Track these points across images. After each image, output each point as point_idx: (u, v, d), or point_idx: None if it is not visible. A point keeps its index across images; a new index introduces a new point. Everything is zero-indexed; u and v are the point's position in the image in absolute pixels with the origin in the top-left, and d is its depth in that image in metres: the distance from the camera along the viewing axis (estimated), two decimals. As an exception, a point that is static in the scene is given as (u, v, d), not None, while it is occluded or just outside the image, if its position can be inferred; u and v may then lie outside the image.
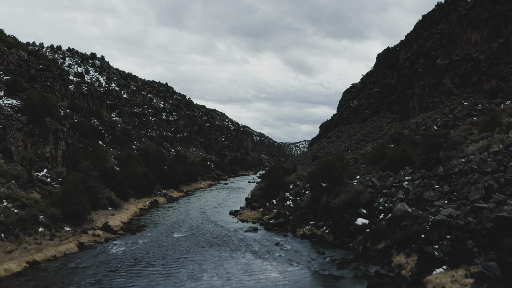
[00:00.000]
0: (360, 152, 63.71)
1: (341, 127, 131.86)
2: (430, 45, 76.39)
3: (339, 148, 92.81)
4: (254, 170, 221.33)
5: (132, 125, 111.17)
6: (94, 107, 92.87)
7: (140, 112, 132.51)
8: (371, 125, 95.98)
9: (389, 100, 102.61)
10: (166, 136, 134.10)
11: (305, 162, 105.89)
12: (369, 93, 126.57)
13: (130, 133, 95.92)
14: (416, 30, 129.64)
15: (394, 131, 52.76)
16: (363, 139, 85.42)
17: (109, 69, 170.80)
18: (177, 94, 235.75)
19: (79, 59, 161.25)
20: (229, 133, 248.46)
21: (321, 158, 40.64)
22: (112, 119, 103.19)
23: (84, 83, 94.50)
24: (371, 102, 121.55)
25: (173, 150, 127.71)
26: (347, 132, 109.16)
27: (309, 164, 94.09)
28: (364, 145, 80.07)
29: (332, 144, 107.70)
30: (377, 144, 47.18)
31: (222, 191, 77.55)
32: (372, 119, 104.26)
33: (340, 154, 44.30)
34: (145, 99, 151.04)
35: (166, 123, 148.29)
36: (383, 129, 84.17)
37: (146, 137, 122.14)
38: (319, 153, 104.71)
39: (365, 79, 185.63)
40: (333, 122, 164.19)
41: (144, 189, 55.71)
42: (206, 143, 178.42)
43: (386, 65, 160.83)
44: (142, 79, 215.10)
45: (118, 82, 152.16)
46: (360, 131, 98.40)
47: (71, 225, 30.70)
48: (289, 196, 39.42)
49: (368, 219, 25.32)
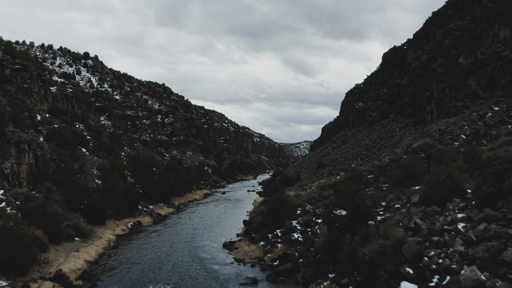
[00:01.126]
0: (374, 163, 56.02)
1: (346, 131, 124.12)
2: (449, 43, 68.67)
3: (347, 155, 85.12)
4: (254, 173, 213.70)
5: (123, 129, 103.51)
6: (79, 111, 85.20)
7: (133, 114, 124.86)
8: (381, 130, 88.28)
9: (399, 102, 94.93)
10: (161, 140, 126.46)
11: (309, 169, 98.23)
12: (376, 95, 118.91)
13: (119, 139, 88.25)
14: (426, 28, 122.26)
15: (422, 143, 44.96)
16: (374, 145, 77.72)
17: (102, 69, 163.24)
18: (174, 95, 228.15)
19: (71, 59, 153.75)
20: (229, 135, 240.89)
21: (338, 185, 32.89)
22: (101, 123, 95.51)
23: (69, 84, 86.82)
24: (379, 105, 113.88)
25: (168, 155, 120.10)
26: (354, 137, 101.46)
27: (314, 172, 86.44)
28: (376, 153, 72.42)
29: (338, 149, 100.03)
30: (404, 160, 39.44)
31: (218, 204, 69.86)
32: (381, 122, 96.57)
33: (358, 173, 36.51)
34: (139, 100, 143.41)
35: (162, 126, 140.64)
36: (396, 134, 76.47)
37: (139, 141, 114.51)
38: (324, 159, 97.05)
39: (370, 80, 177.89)
40: (337, 124, 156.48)
41: (126, 208, 48.06)
42: (204, 146, 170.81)
43: (393, 65, 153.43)
44: (138, 80, 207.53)
45: (111, 83, 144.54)
46: (368, 136, 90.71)
47: (9, 277, 23.01)
48: (297, 226, 31.75)
49: (416, 283, 17.67)
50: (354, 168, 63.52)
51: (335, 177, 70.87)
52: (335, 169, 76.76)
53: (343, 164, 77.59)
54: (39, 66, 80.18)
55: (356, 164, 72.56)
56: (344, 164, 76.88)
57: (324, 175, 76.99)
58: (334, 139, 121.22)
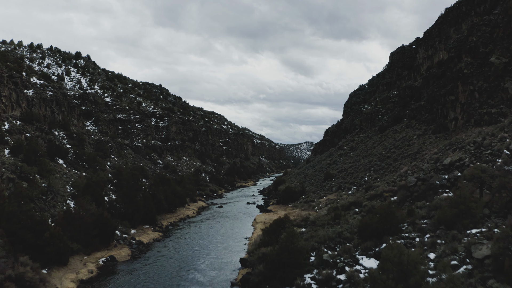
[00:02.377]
0: (395, 180, 47.45)
1: (353, 136, 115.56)
2: (477, 40, 60.12)
3: (357, 165, 76.59)
4: (255, 177, 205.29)
5: (111, 135, 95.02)
6: (60, 116, 76.74)
7: (125, 118, 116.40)
8: (395, 137, 79.75)
9: (413, 106, 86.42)
10: (154, 145, 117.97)
11: (314, 179, 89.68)
12: (386, 97, 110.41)
13: (105, 147, 79.78)
14: (438, 26, 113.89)
15: (457, 158, 36.34)
16: (389, 155, 69.18)
17: (94, 69, 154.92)
18: (171, 96, 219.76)
19: (61, 59, 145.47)
20: (228, 137, 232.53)
21: (366, 223, 24.38)
22: (86, 129, 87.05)
23: (50, 86, 78.36)
24: (389, 108, 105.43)
25: (161, 162, 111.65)
26: (363, 144, 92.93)
27: (320, 184, 77.93)
28: (392, 164, 63.91)
29: (346, 157, 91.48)
30: (454, 190, 30.89)
31: (213, 223, 61.38)
32: (393, 128, 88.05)
33: (385, 207, 27.82)
34: (132, 103, 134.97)
35: (156, 130, 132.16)
36: (413, 143, 67.95)
37: (130, 147, 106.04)
38: (330, 168, 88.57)
39: (376, 81, 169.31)
40: (341, 128, 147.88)
41: (98, 239, 39.58)
42: (202, 151, 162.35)
43: (401, 65, 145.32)
44: (134, 81, 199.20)
45: (103, 84, 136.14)
46: (380, 144, 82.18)
47: None
48: (313, 285, 23.29)
49: None
50: (370, 185, 54.99)
51: (346, 193, 62.41)
52: (345, 182, 68.26)
53: (354, 176, 69.08)
54: (14, 66, 71.71)
55: (370, 177, 64.08)
56: (355, 177, 68.36)
57: (332, 188, 68.51)
58: (340, 144, 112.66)
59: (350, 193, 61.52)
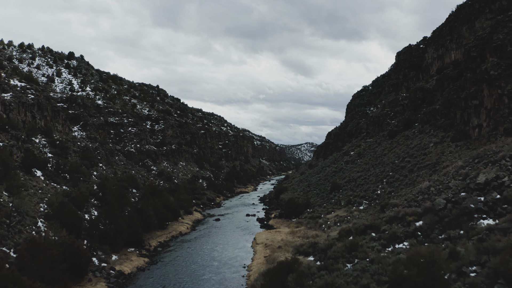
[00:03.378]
0: (420, 200, 40.96)
1: (359, 140, 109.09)
2: (504, 37, 53.64)
3: (367, 174, 70.11)
4: (255, 181, 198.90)
5: (100, 141, 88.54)
6: (42, 121, 70.34)
7: (117, 121, 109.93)
8: (407, 143, 73.27)
9: (426, 110, 79.97)
10: (149, 150, 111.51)
11: (319, 188, 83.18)
12: (394, 100, 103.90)
13: (91, 154, 73.32)
14: (449, 24, 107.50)
15: (493, 176, 29.75)
16: (403, 165, 62.68)
17: (87, 70, 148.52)
18: (169, 98, 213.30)
19: (52, 59, 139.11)
20: (228, 140, 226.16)
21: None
22: (72, 134, 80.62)
23: (32, 89, 71.94)
24: (398, 111, 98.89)
25: (155, 168, 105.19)
26: (372, 150, 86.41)
27: (327, 196, 71.46)
28: (408, 176, 57.42)
29: (353, 165, 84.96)
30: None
31: (209, 242, 54.94)
32: (404, 133, 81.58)
33: (426, 253, 21.09)
34: (126, 105, 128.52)
35: (151, 134, 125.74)
36: (430, 152, 61.45)
37: (122, 153, 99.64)
38: (337, 177, 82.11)
39: (382, 82, 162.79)
40: (346, 131, 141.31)
41: (67, 275, 33.11)
42: (200, 155, 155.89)
43: (408, 66, 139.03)
44: (130, 82, 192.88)
45: (95, 86, 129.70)
46: (391, 151, 75.69)
47: None
48: None
49: None
50: (385, 202, 48.46)
51: (357, 208, 55.94)
52: (355, 195, 61.78)
53: (365, 188, 62.61)
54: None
55: (383, 191, 57.59)
56: (366, 189, 61.88)
57: (341, 202, 62.04)
58: (346, 150, 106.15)
59: (362, 209, 55.08)
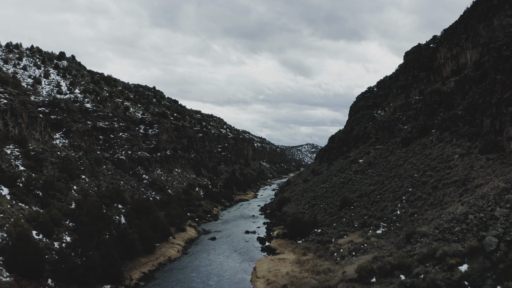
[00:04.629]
0: (463, 236, 32.99)
1: (367, 146, 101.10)
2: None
3: (382, 189, 62.09)
4: (255, 186, 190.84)
5: (85, 149, 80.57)
6: (16, 129, 62.47)
7: (107, 126, 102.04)
8: (425, 153, 65.28)
9: (446, 115, 72.03)
10: (141, 157, 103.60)
11: (326, 202, 75.15)
12: (406, 103, 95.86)
13: (73, 166, 65.41)
14: (464, 21, 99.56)
15: None
16: (424, 180, 54.63)
17: (78, 71, 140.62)
18: (166, 100, 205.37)
19: (40, 60, 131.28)
20: (227, 142, 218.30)
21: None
22: (52, 143, 72.67)
23: (5, 93, 64.09)
24: (411, 116, 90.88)
25: (147, 177, 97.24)
26: (384, 159, 78.37)
27: (336, 213, 63.43)
28: (432, 194, 49.41)
29: (363, 175, 76.91)
30: None
31: (200, 273, 46.98)
32: (420, 141, 73.64)
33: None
34: (118, 108, 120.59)
35: (144, 139, 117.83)
36: (456, 165, 53.42)
37: (111, 161, 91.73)
38: (346, 189, 74.13)
39: (389, 83, 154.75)
40: (351, 136, 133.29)
41: None
42: (197, 160, 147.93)
43: (417, 66, 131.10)
44: (124, 83, 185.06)
45: (85, 88, 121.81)
46: (408, 161, 67.69)
47: None
48: None
49: None
50: (412, 230, 40.33)
51: (373, 233, 47.96)
52: (370, 215, 53.77)
53: (381, 207, 54.59)
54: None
55: (403, 211, 49.55)
56: (382, 208, 53.85)
57: (354, 223, 54.03)
58: (353, 157, 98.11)
59: (380, 234, 47.11)
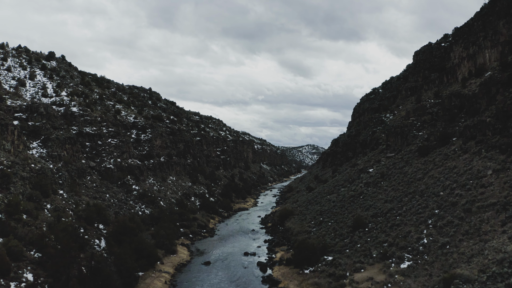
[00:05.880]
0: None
1: (377, 154, 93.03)
2: None
3: (401, 209, 53.98)
4: (256, 192, 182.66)
5: (67, 159, 72.57)
6: (-19, 139, 54.44)
7: (94, 132, 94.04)
8: (449, 166, 57.18)
9: (470, 122, 63.99)
10: (131, 165, 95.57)
11: (335, 219, 67.05)
12: (420, 106, 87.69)
13: (47, 181, 57.38)
14: (481, 18, 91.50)
15: None
16: (453, 200, 46.54)
17: (67, 72, 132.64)
18: (162, 101, 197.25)
19: (26, 60, 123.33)
20: (226, 145, 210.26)
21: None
22: (28, 153, 64.64)
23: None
24: (426, 121, 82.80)
25: (138, 188, 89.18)
26: (399, 170, 70.22)
27: (347, 235, 55.30)
28: (466, 219, 41.35)
29: (376, 188, 68.86)
30: None
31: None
32: (441, 151, 65.60)
33: None
34: (109, 111, 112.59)
35: (136, 145, 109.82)
36: (492, 183, 45.30)
37: (98, 171, 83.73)
38: (357, 205, 66.07)
39: (397, 84, 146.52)
40: (358, 140, 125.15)
41: None
42: (194, 166, 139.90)
43: (428, 66, 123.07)
44: (119, 84, 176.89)
45: (73, 90, 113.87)
46: (428, 174, 59.59)
47: None
48: None
49: None
50: (451, 275, 32.19)
51: (397, 268, 39.82)
52: (391, 243, 45.64)
53: (403, 232, 46.45)
54: None
55: (431, 239, 41.42)
56: (405, 234, 45.67)
57: (372, 252, 45.92)
58: (362, 166, 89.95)
59: (405, 269, 38.99)
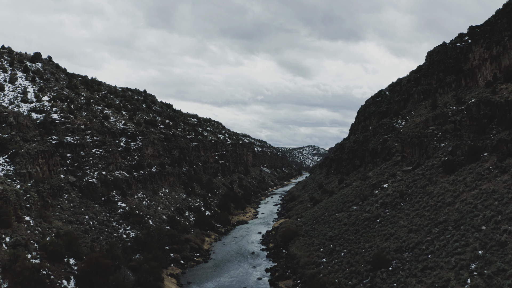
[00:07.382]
0: None
1: (391, 166, 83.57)
2: None
3: (432, 243, 44.55)
4: (256, 200, 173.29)
5: (38, 178, 63.11)
6: None
7: (77, 142, 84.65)
8: (485, 189, 47.73)
9: (505, 135, 54.58)
10: (118, 178, 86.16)
11: (349, 248, 57.63)
12: (441, 114, 78.22)
13: (8, 208, 47.85)
14: (506, 15, 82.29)
15: None
16: (501, 238, 37.18)
17: (53, 74, 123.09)
18: (158, 104, 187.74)
19: (8, 62, 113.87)
20: (225, 150, 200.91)
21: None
22: (-12, 172, 55.16)
23: None
24: (449, 130, 73.40)
25: (124, 205, 79.76)
26: (422, 190, 60.74)
27: (367, 274, 45.85)
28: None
29: (395, 211, 59.37)
30: None
31: None
32: (471, 168, 56.17)
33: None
34: (96, 117, 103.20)
35: (125, 155, 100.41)
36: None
37: (78, 188, 74.32)
38: (375, 232, 56.64)
39: (407, 87, 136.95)
40: (366, 148, 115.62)
41: None
42: (190, 174, 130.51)
43: (443, 68, 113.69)
44: (111, 87, 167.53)
45: (57, 94, 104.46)
46: (459, 198, 50.09)
47: None
48: None
49: None
50: None
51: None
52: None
53: (438, 278, 37.01)
54: None
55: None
56: (442, 284, 36.27)
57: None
58: (375, 180, 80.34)
59: None
